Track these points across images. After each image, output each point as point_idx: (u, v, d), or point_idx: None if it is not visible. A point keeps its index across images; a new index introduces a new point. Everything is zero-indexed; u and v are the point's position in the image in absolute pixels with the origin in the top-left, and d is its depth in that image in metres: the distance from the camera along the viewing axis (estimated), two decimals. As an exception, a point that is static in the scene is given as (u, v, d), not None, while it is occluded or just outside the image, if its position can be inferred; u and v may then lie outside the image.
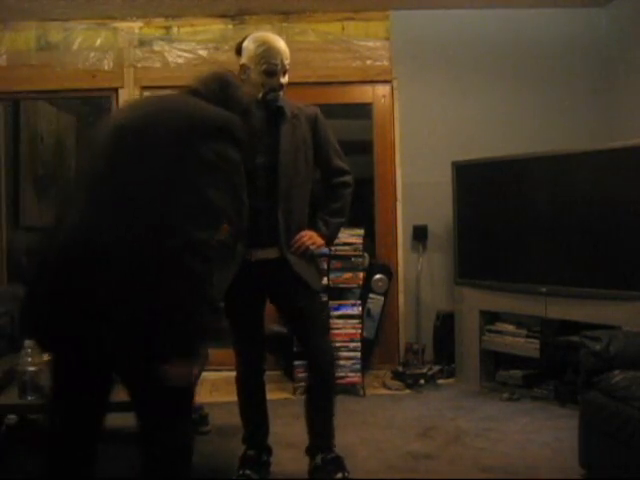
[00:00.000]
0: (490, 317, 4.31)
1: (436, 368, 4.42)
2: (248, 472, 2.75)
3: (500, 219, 4.18)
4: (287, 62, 2.61)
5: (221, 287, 2.44)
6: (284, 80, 2.63)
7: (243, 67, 2.60)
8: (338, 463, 2.71)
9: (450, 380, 4.41)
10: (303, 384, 3.67)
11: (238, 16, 4.70)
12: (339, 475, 2.67)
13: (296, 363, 4.08)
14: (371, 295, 4.45)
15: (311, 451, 2.74)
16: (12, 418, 3.21)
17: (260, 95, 2.58)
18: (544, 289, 3.87)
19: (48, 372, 2.38)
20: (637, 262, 3.45)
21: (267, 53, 2.56)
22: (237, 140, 1.84)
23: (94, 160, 1.82)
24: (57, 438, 1.83)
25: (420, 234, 4.72)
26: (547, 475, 2.84)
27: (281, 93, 2.63)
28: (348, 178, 2.78)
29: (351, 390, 4.14)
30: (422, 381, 4.28)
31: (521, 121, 4.74)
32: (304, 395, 2.86)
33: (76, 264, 1.65)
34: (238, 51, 2.66)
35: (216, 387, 4.25)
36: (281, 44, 2.61)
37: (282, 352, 4.02)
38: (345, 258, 4.26)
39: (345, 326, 4.19)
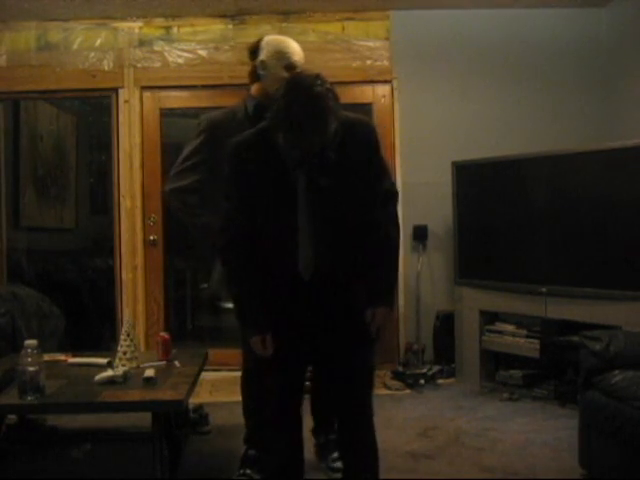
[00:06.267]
0: (490, 317, 4.30)
1: (436, 368, 4.42)
2: (249, 472, 2.75)
3: (500, 219, 4.18)
4: (303, 62, 2.79)
5: None
6: None
7: (263, 63, 2.73)
8: None
9: (450, 380, 4.41)
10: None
11: (238, 16, 4.70)
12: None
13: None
14: (371, 295, 4.44)
15: (316, 431, 2.93)
16: (12, 418, 3.20)
17: None
18: (544, 289, 3.87)
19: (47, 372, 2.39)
20: (637, 262, 3.45)
21: (288, 50, 2.74)
22: None
23: None
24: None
25: (420, 234, 4.72)
26: (547, 475, 2.84)
27: None
28: None
29: (351, 390, 4.14)
30: (422, 381, 4.28)
31: (521, 121, 4.73)
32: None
33: None
34: (254, 52, 2.78)
35: (216, 387, 4.26)
36: (298, 46, 2.81)
37: None
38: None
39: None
